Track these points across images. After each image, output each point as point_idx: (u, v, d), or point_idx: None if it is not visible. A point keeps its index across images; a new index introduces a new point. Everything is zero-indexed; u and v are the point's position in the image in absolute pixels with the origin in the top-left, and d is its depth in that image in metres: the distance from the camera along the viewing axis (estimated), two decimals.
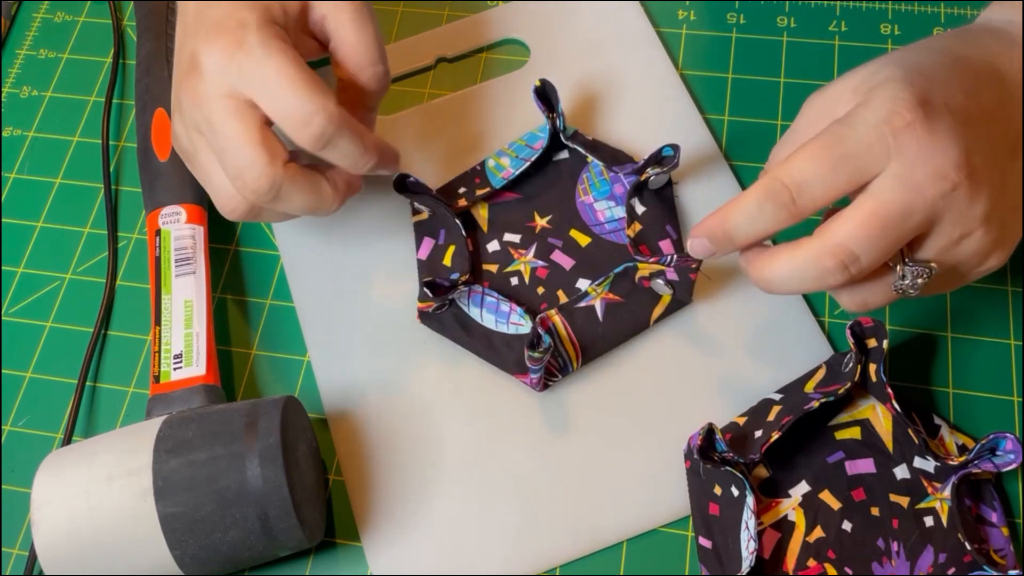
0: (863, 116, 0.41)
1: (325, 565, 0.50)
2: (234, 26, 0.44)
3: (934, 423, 0.50)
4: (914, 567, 0.47)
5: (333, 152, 0.46)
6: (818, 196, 0.41)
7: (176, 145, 0.50)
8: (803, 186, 0.41)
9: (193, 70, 0.45)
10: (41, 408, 0.55)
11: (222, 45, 0.44)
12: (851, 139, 0.40)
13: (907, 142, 0.40)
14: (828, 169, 0.40)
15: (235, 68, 0.44)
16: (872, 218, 0.40)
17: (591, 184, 0.57)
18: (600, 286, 0.53)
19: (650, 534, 0.49)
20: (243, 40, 0.44)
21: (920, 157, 0.40)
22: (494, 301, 0.52)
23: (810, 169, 0.41)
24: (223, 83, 0.44)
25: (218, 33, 0.45)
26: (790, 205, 0.41)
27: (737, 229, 0.43)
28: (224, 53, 0.44)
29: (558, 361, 0.52)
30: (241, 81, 0.44)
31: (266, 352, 0.55)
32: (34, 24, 0.68)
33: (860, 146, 0.40)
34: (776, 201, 0.41)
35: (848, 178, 0.41)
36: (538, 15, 0.63)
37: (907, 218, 0.40)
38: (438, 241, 0.55)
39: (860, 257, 0.40)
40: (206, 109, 0.45)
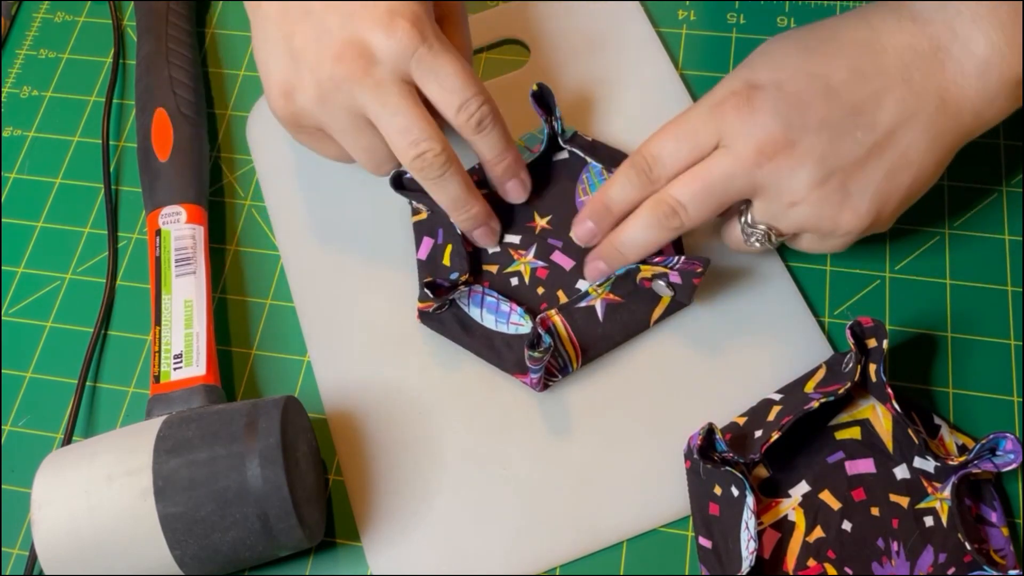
0: (705, 99, 0.49)
1: (325, 565, 0.50)
2: (412, 19, 0.48)
3: (934, 423, 0.50)
4: (914, 567, 0.47)
5: (485, 138, 0.51)
6: (667, 164, 0.49)
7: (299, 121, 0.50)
8: (656, 158, 0.49)
9: (361, 56, 0.47)
10: (41, 408, 0.55)
11: (403, 36, 0.47)
12: (691, 118, 0.49)
13: (731, 120, 0.47)
14: (672, 143, 0.49)
15: (416, 57, 0.48)
16: (697, 179, 0.48)
17: (591, 184, 0.57)
18: (601, 287, 0.53)
19: (650, 534, 0.49)
20: (424, 35, 0.48)
21: (742, 132, 0.47)
22: (494, 301, 0.52)
23: (660, 144, 0.49)
24: (401, 70, 0.48)
25: (393, 23, 0.47)
26: (648, 171, 0.49)
27: (611, 199, 0.51)
28: (408, 44, 0.47)
29: (558, 361, 0.52)
30: (418, 71, 0.48)
31: (266, 352, 0.55)
32: (34, 24, 0.68)
33: (697, 123, 0.48)
34: (637, 169, 0.50)
35: (689, 151, 0.48)
36: (538, 15, 0.63)
37: (728, 182, 0.47)
38: (437, 240, 0.55)
39: (687, 207, 0.48)
40: (384, 92, 0.48)
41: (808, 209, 0.47)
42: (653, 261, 0.51)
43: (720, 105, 0.48)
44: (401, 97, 0.48)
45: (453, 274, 0.53)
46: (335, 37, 0.48)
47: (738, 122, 0.47)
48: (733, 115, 0.47)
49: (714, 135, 0.48)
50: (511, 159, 0.53)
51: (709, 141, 0.48)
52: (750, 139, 0.46)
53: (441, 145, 0.49)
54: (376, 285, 0.56)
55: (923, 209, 0.53)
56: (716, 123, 0.47)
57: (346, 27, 0.47)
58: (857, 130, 0.46)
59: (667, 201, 0.48)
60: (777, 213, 0.48)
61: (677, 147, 0.48)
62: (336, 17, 0.48)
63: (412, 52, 0.47)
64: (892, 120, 0.47)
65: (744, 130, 0.47)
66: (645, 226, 0.49)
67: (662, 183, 0.49)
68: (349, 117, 0.49)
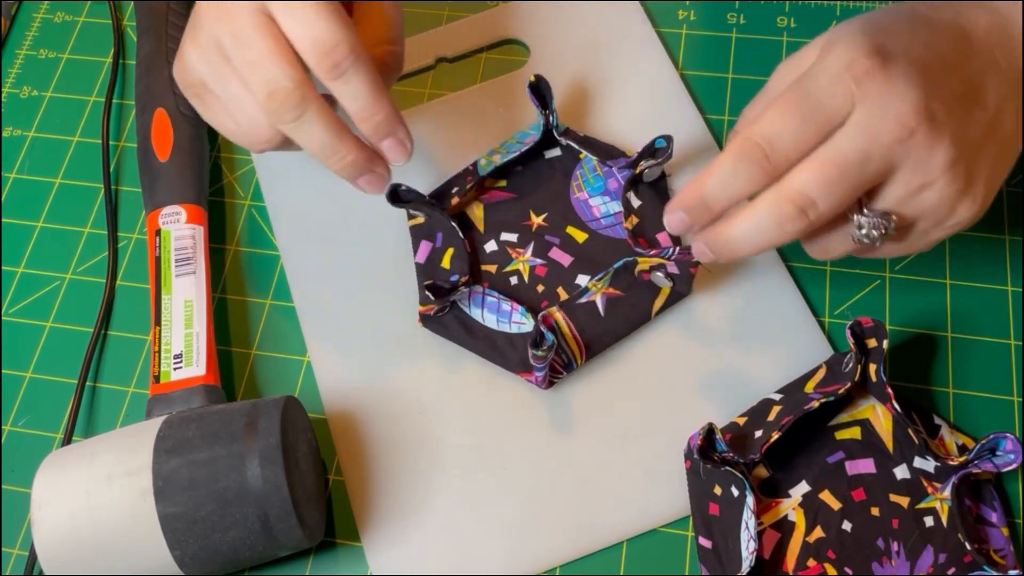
0: (824, 67, 0.41)
1: (325, 565, 0.50)
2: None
3: (934, 423, 0.50)
4: (914, 567, 0.47)
5: (346, 87, 0.44)
6: (791, 149, 0.41)
7: (183, 77, 0.47)
8: (775, 141, 0.41)
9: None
10: (41, 408, 0.55)
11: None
12: (816, 89, 0.41)
13: (868, 88, 0.40)
14: (798, 121, 0.41)
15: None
16: (829, 165, 0.41)
17: (585, 180, 0.57)
18: (600, 281, 0.53)
19: (650, 534, 0.49)
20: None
21: (879, 103, 0.40)
22: (495, 301, 0.52)
23: (780, 123, 0.41)
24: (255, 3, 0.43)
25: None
26: (763, 162, 0.41)
27: (713, 195, 0.43)
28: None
29: (562, 358, 0.52)
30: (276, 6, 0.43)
31: (266, 352, 0.55)
32: (34, 24, 0.68)
33: (825, 95, 0.41)
34: (750, 159, 0.42)
35: (817, 128, 0.41)
36: (538, 15, 0.63)
37: (864, 164, 0.41)
38: (435, 244, 0.55)
39: (817, 202, 0.41)
40: (236, 22, 0.43)
41: (936, 193, 0.42)
42: (650, 253, 0.51)
43: (850, 69, 0.41)
44: (253, 28, 0.43)
45: (453, 276, 0.53)
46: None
47: (874, 90, 0.40)
48: (868, 81, 0.40)
49: (846, 106, 0.41)
50: (382, 116, 0.46)
51: (839, 114, 0.41)
52: (889, 110, 0.40)
53: (294, 82, 0.43)
54: (376, 285, 0.56)
55: None
56: (847, 91, 0.40)
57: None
58: (975, 108, 0.42)
59: (792, 200, 0.41)
60: (905, 197, 0.42)
61: (802, 125, 0.41)
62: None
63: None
64: (997, 100, 0.43)
65: (881, 100, 0.40)
66: (763, 228, 0.42)
67: (783, 170, 0.42)
68: (213, 59, 0.45)
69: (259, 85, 0.44)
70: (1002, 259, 0.55)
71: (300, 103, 0.43)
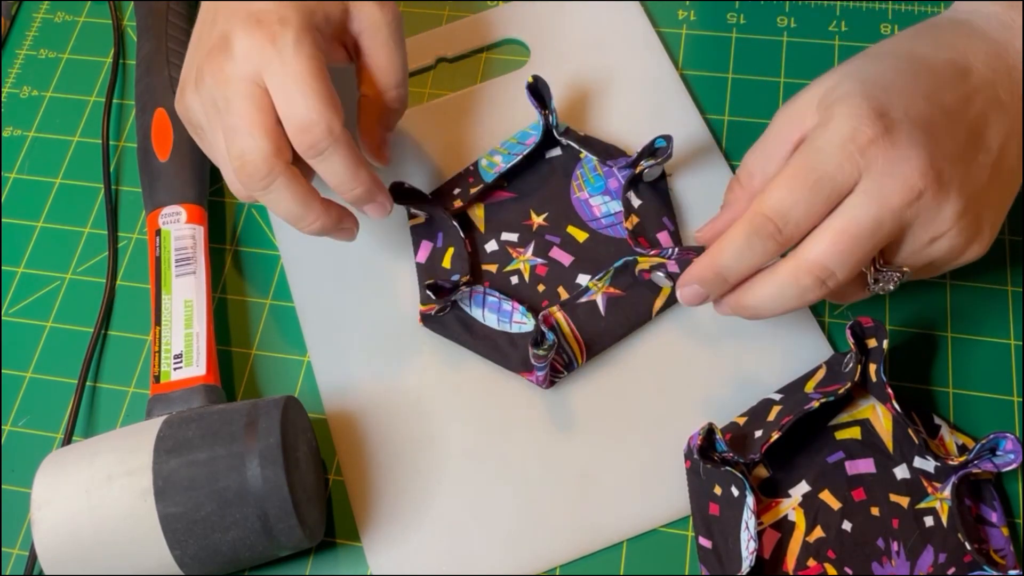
0: (828, 137, 0.42)
1: (325, 565, 0.50)
2: (275, 21, 0.46)
3: (934, 423, 0.50)
4: (914, 567, 0.47)
5: (324, 165, 0.47)
6: (802, 222, 0.43)
7: (185, 116, 0.51)
8: (786, 215, 0.42)
9: (223, 49, 0.47)
10: (41, 408, 0.55)
11: (259, 36, 0.46)
12: (822, 162, 0.42)
13: (873, 157, 0.41)
14: (807, 195, 0.42)
15: (263, 60, 0.46)
16: (843, 235, 0.42)
17: (585, 180, 0.57)
18: (601, 281, 0.53)
19: (650, 534, 0.49)
20: (278, 36, 0.46)
21: (886, 170, 0.41)
22: (496, 301, 0.52)
23: (789, 198, 0.42)
24: (250, 69, 0.46)
25: (258, 23, 0.46)
26: (776, 235, 0.43)
27: (728, 268, 0.45)
28: (257, 43, 0.46)
29: (563, 357, 0.52)
30: (267, 75, 0.46)
31: (266, 352, 0.55)
32: (34, 24, 0.68)
33: (831, 167, 0.42)
34: (763, 234, 0.43)
35: (826, 199, 0.42)
36: (538, 15, 0.63)
37: (877, 231, 0.42)
38: (436, 244, 0.55)
39: (835, 272, 0.42)
40: (228, 88, 0.46)
41: (947, 242, 0.43)
42: (650, 253, 0.51)
43: (854, 140, 0.42)
44: (241, 98, 0.46)
45: (454, 276, 0.53)
46: (215, 31, 0.48)
47: (881, 158, 0.41)
48: (872, 151, 0.41)
49: (853, 177, 0.42)
50: (361, 190, 0.49)
51: (847, 184, 0.42)
52: (897, 176, 0.41)
53: (262, 156, 0.46)
54: (376, 285, 0.56)
55: None
56: (854, 162, 0.42)
57: (226, 22, 0.47)
58: (979, 152, 0.43)
59: (811, 271, 0.42)
60: (917, 250, 0.44)
61: (811, 198, 0.42)
62: (224, 13, 0.48)
63: (259, 54, 0.46)
64: (1000, 140, 0.44)
65: (889, 167, 0.41)
66: (786, 297, 0.44)
67: (796, 241, 0.43)
68: (208, 113, 0.48)
69: (233, 152, 0.46)
70: (1002, 259, 0.55)
71: (266, 176, 0.46)
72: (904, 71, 0.44)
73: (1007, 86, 0.45)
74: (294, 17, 0.47)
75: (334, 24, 0.49)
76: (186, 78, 0.50)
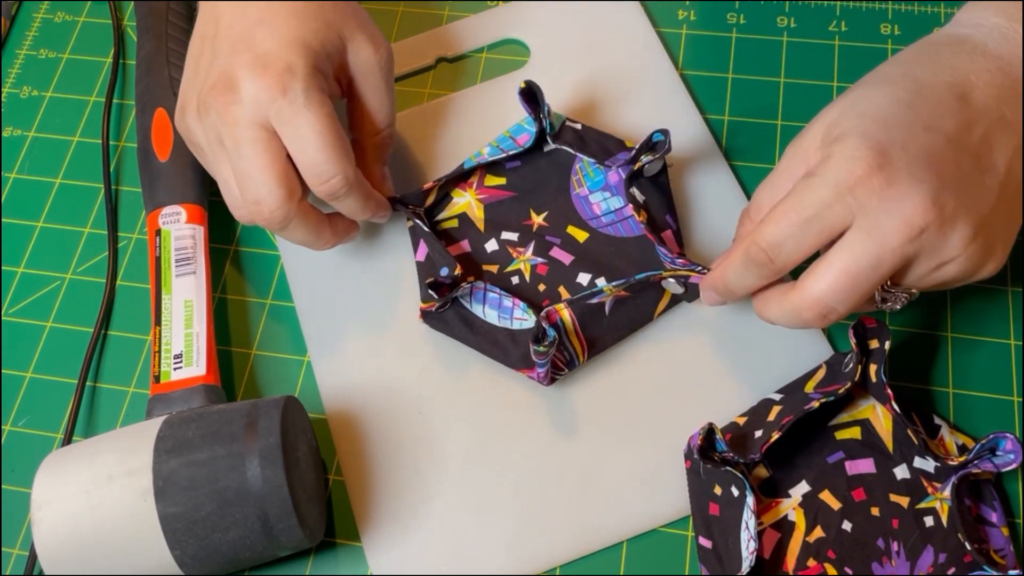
0: (823, 177, 0.43)
1: (325, 565, 0.50)
2: (283, 68, 0.47)
3: (934, 423, 0.50)
4: (914, 567, 0.47)
5: (340, 204, 0.50)
6: (793, 254, 0.44)
7: (186, 135, 0.51)
8: (777, 248, 0.44)
9: (229, 90, 0.47)
10: (41, 408, 0.55)
11: (268, 84, 0.47)
12: (813, 201, 0.43)
13: (866, 198, 0.42)
14: (796, 231, 0.43)
15: (275, 109, 0.47)
16: (843, 274, 0.42)
17: (585, 175, 0.57)
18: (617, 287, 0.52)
19: (650, 534, 0.49)
20: (289, 87, 0.47)
21: (882, 209, 0.42)
22: (496, 297, 0.52)
23: (779, 232, 0.44)
24: (259, 115, 0.47)
25: (264, 68, 0.47)
26: (769, 264, 0.45)
27: (731, 284, 0.47)
28: (268, 92, 0.47)
29: (564, 355, 0.52)
30: (278, 123, 0.47)
31: (266, 352, 0.55)
32: (34, 24, 0.68)
33: (821, 207, 0.42)
34: (757, 262, 0.45)
35: (816, 237, 0.43)
36: (538, 15, 0.63)
37: (877, 268, 0.42)
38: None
39: (837, 308, 0.43)
40: (237, 132, 0.47)
41: (958, 266, 0.43)
42: (678, 263, 0.51)
43: (846, 181, 0.42)
44: (251, 143, 0.47)
45: (443, 270, 0.53)
46: (220, 65, 0.48)
47: (876, 200, 0.41)
48: (865, 191, 0.42)
49: (846, 217, 0.42)
50: (370, 212, 0.52)
51: (839, 224, 0.42)
52: (895, 216, 0.41)
53: (278, 202, 0.48)
54: (376, 285, 0.56)
55: None
56: (847, 203, 0.42)
57: (230, 59, 0.48)
58: (984, 176, 0.43)
59: (813, 308, 0.44)
60: (923, 275, 0.44)
61: (801, 233, 0.43)
62: (227, 45, 0.48)
63: (270, 103, 0.47)
64: (1006, 159, 0.44)
65: (885, 207, 0.41)
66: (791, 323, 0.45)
67: (789, 269, 0.45)
68: (212, 144, 0.49)
69: (248, 198, 0.48)
70: None
71: (283, 220, 0.49)
72: (903, 101, 0.44)
73: (1011, 102, 0.44)
74: (301, 65, 0.47)
75: (334, 63, 0.51)
76: (187, 100, 0.50)
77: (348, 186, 0.49)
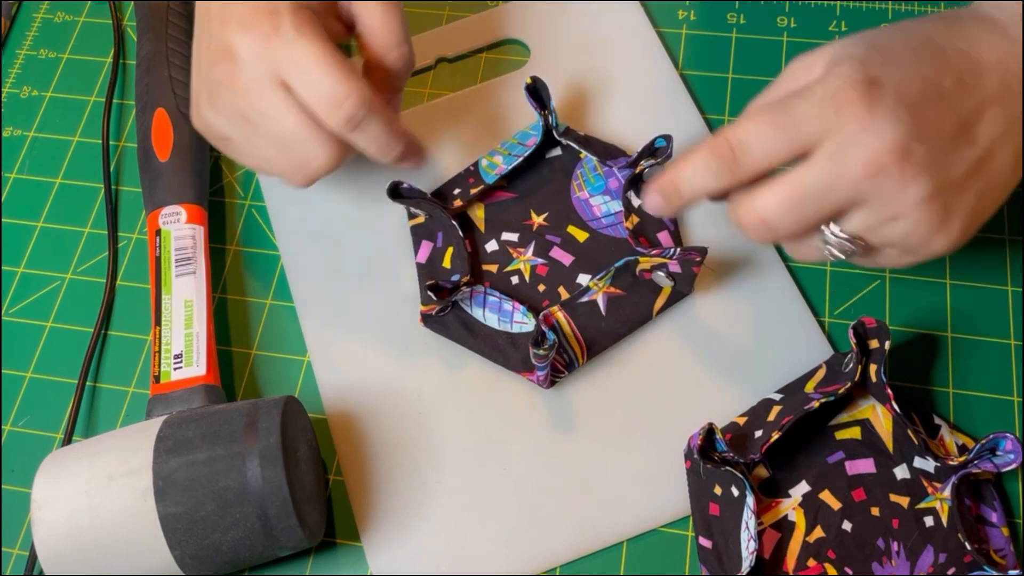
0: (815, 89, 0.42)
1: (325, 565, 0.50)
2: (267, 12, 0.46)
3: (934, 423, 0.50)
4: (914, 567, 0.47)
5: (362, 136, 0.47)
6: (757, 157, 0.42)
7: (206, 130, 0.50)
8: (745, 146, 0.42)
9: (228, 58, 0.46)
10: (41, 408, 0.55)
11: (258, 31, 0.45)
12: (797, 109, 0.42)
13: (847, 119, 0.41)
14: (770, 133, 0.42)
15: (271, 54, 0.45)
16: (791, 190, 0.42)
17: (585, 180, 0.57)
18: (601, 280, 0.53)
19: (650, 534, 0.49)
20: (278, 25, 0.45)
21: (855, 137, 0.41)
22: (496, 301, 0.52)
23: (753, 131, 0.42)
24: (263, 70, 0.45)
25: (252, 19, 0.46)
26: (731, 162, 0.43)
27: (684, 183, 0.45)
28: (260, 39, 0.45)
29: (564, 357, 0.52)
30: (280, 67, 0.45)
31: (266, 352, 0.55)
32: (34, 24, 0.68)
33: (803, 116, 0.42)
34: (719, 157, 0.43)
35: (788, 144, 0.42)
36: (538, 15, 0.63)
37: (826, 194, 0.42)
38: (436, 244, 0.55)
39: (776, 224, 0.43)
40: (254, 99, 0.46)
41: (907, 225, 0.42)
42: (651, 253, 0.51)
43: (834, 98, 0.41)
44: (273, 106, 0.46)
45: (454, 276, 0.53)
46: (214, 43, 0.47)
47: (853, 122, 0.41)
48: (848, 112, 0.41)
49: (821, 131, 0.41)
50: (403, 146, 0.49)
51: (813, 137, 0.42)
52: (863, 147, 0.41)
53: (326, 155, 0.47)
54: (376, 285, 0.56)
55: None
56: (826, 118, 0.41)
57: (221, 32, 0.47)
58: (963, 145, 0.42)
59: (754, 221, 0.43)
60: (872, 226, 0.43)
61: (773, 138, 0.42)
62: (217, 23, 0.47)
63: (266, 50, 0.45)
64: (991, 137, 0.43)
65: (858, 134, 0.41)
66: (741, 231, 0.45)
67: (746, 176, 0.43)
68: (239, 125, 0.48)
69: (296, 162, 0.47)
70: (1002, 259, 0.55)
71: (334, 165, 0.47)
72: (914, 48, 0.43)
73: (1014, 87, 0.44)
74: (284, 4, 0.46)
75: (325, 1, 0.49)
76: (197, 94, 0.50)
77: (365, 106, 0.45)
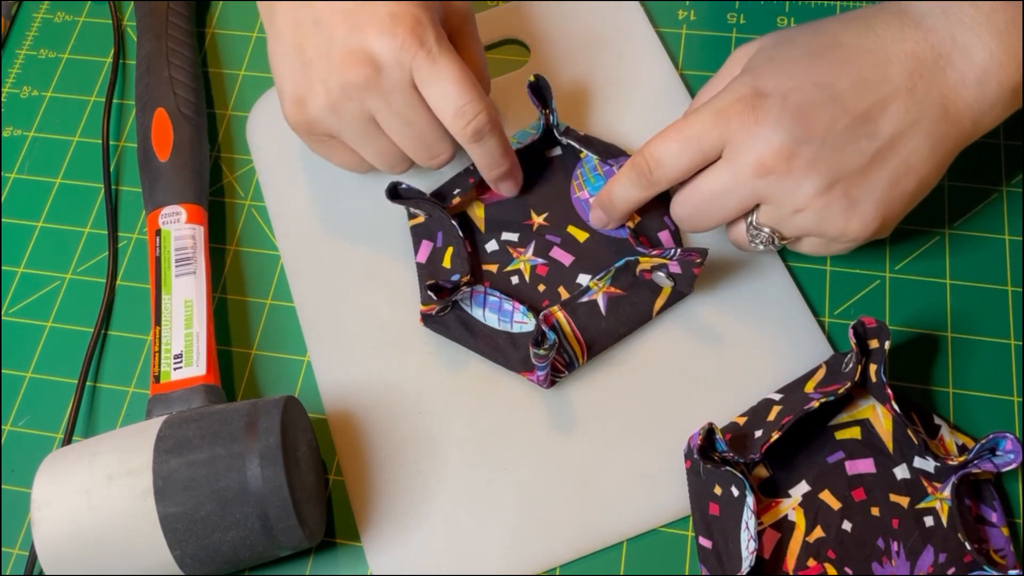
0: (712, 103, 0.48)
1: (325, 565, 0.50)
2: (413, 22, 0.48)
3: (934, 423, 0.50)
4: (914, 567, 0.47)
5: (482, 148, 0.51)
6: (669, 171, 0.49)
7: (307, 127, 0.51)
8: (658, 161, 0.49)
9: (365, 63, 0.48)
10: (41, 408, 0.55)
11: (404, 41, 0.47)
12: (695, 123, 0.48)
13: (735, 129, 0.47)
14: (676, 149, 0.48)
15: (416, 64, 0.48)
16: (699, 192, 0.49)
17: (585, 180, 0.57)
18: (602, 280, 0.53)
19: (650, 534, 0.49)
20: (423, 38, 0.48)
21: (744, 143, 0.46)
22: (496, 301, 0.52)
23: (663, 148, 0.49)
24: (404, 76, 0.48)
25: (395, 27, 0.47)
26: (648, 176, 0.49)
27: (616, 196, 0.52)
28: (408, 49, 0.47)
29: (564, 357, 0.52)
30: (419, 75, 0.48)
31: (266, 352, 0.55)
32: (34, 24, 0.68)
33: (701, 130, 0.47)
34: (639, 172, 0.50)
35: (692, 157, 0.48)
36: (538, 15, 0.63)
37: (729, 193, 0.48)
38: (436, 244, 0.55)
39: (684, 219, 0.50)
40: (393, 99, 0.49)
41: (813, 216, 0.47)
42: (652, 253, 0.51)
43: (724, 112, 0.47)
44: (408, 107, 0.49)
45: (454, 276, 0.53)
46: (342, 46, 0.48)
47: (742, 132, 0.46)
48: (737, 124, 0.46)
49: (718, 142, 0.47)
50: (506, 168, 0.54)
51: (713, 148, 0.47)
52: (752, 151, 0.46)
53: (449, 152, 0.51)
54: (376, 285, 0.56)
55: (923, 209, 0.52)
56: (719, 130, 0.47)
57: (352, 36, 0.48)
58: (861, 139, 0.46)
59: (674, 213, 0.51)
60: (782, 219, 0.48)
61: (680, 152, 0.48)
62: (343, 27, 0.48)
63: (412, 58, 0.47)
64: (895, 128, 0.46)
65: (747, 141, 0.46)
66: None
67: (663, 186, 0.50)
68: (359, 124, 0.50)
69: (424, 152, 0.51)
70: (1002, 259, 0.55)
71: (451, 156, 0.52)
72: (813, 53, 0.48)
73: (926, 76, 0.46)
74: (426, 16, 0.48)
75: (441, 17, 0.51)
76: (304, 93, 0.50)
77: (492, 122, 0.50)
